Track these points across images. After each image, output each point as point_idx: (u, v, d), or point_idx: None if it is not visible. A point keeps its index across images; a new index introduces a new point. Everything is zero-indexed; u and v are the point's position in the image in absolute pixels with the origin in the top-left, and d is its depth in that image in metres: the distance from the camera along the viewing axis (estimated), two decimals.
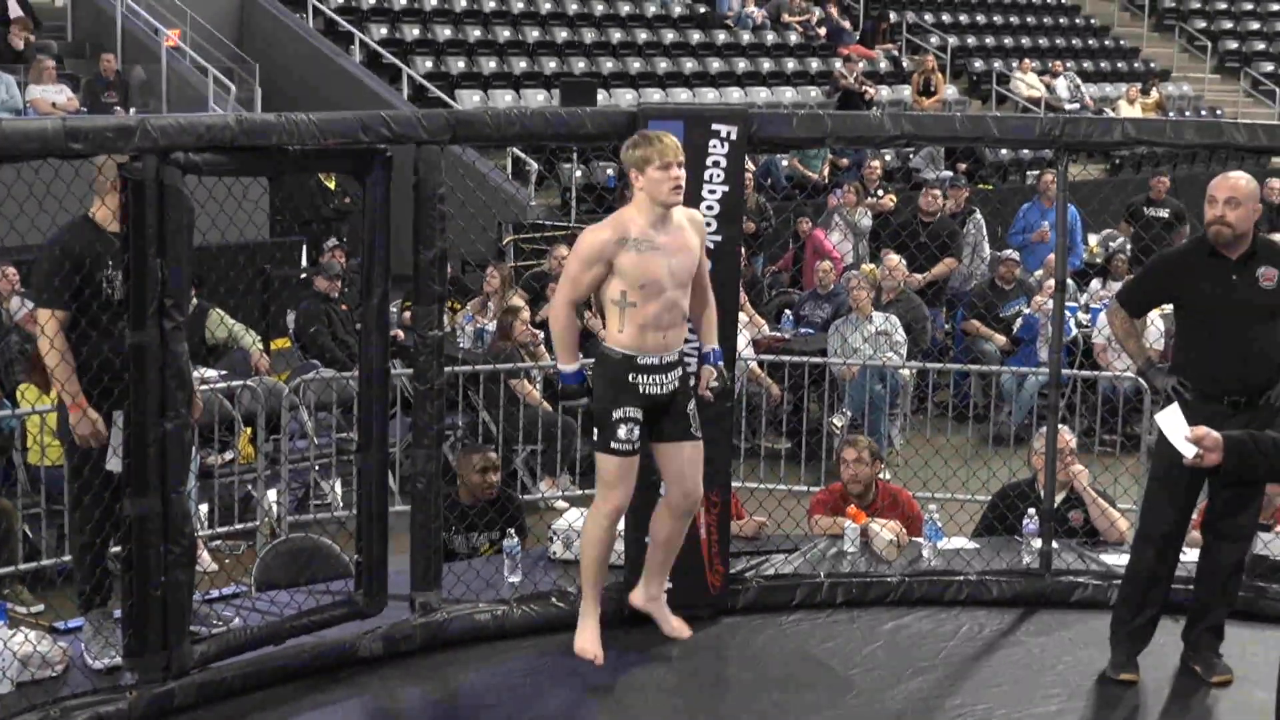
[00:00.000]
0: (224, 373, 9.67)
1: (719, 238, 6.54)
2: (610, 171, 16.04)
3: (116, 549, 5.75)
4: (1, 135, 5.00)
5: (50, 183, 5.50)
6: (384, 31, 18.39)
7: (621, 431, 5.80)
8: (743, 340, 10.27)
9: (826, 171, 16.95)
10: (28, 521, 8.40)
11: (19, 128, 5.06)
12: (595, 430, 5.90)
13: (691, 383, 6.05)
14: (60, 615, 6.57)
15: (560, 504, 9.45)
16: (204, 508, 8.71)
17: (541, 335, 10.82)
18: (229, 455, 9.25)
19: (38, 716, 5.33)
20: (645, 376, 5.82)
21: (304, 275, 12.57)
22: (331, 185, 14.53)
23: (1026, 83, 21.99)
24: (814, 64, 21.09)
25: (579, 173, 16.02)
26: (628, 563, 6.53)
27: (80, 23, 17.22)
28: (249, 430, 9.39)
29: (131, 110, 14.42)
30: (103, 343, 5.70)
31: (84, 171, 5.67)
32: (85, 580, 5.87)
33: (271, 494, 9.11)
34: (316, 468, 9.46)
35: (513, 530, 7.03)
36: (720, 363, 6.10)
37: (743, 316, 10.21)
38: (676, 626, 6.26)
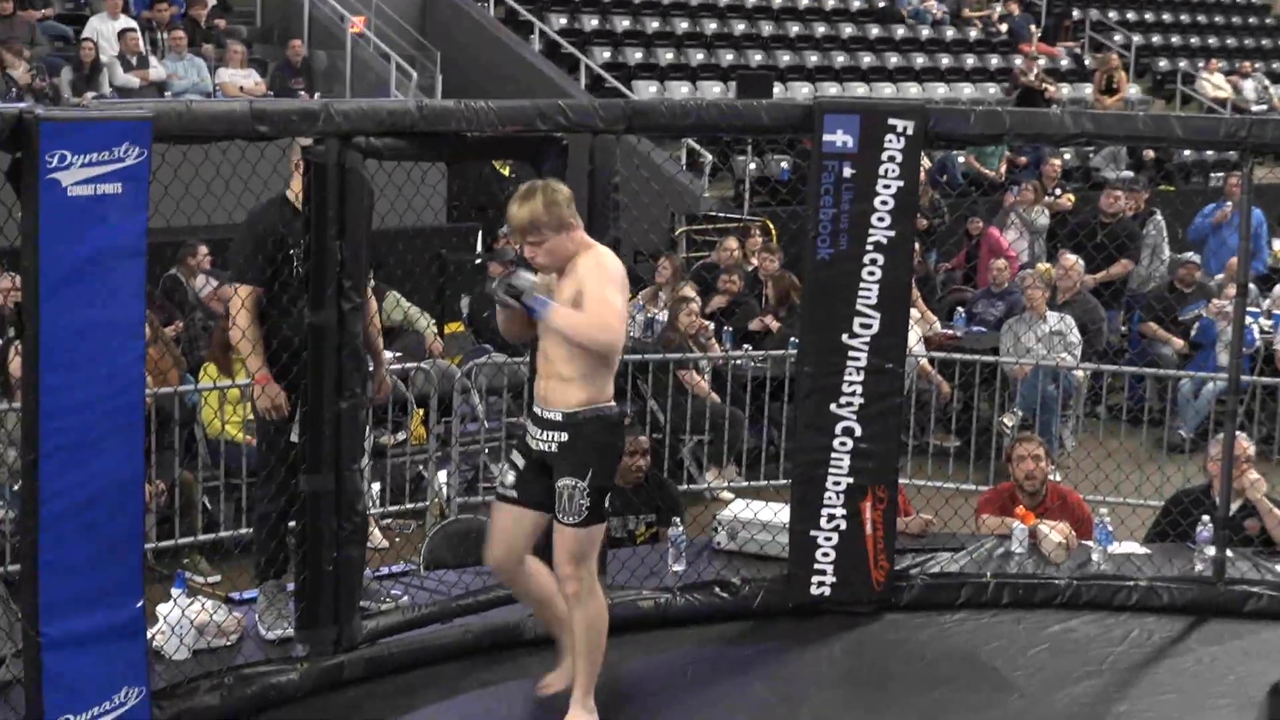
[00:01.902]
0: (398, 354, 9.81)
1: (892, 233, 6.50)
2: (784, 165, 16.00)
3: (294, 524, 5.87)
4: (191, 117, 5.12)
5: (237, 164, 5.65)
6: (563, 22, 18.51)
7: (498, 469, 5.49)
8: (914, 336, 10.19)
9: (1004, 169, 16.73)
10: (207, 494, 8.62)
11: (208, 110, 5.19)
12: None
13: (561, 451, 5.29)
14: (236, 586, 6.74)
15: (726, 494, 9.45)
16: (376, 486, 8.85)
17: (711, 326, 10.84)
18: (401, 436, 9.39)
19: (212, 683, 5.47)
20: (530, 425, 5.38)
21: (478, 260, 12.71)
22: (506, 172, 14.66)
23: (1212, 83, 21.50)
24: (993, 60, 20.82)
25: (753, 165, 15.99)
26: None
27: (269, 9, 17.58)
28: (421, 412, 9.52)
29: (316, 95, 14.69)
30: (283, 321, 5.83)
31: (270, 154, 5.81)
32: (262, 552, 6.02)
33: (442, 475, 9.23)
34: (486, 451, 9.57)
35: (678, 519, 7.05)
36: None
37: (914, 312, 10.13)
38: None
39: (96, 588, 4.85)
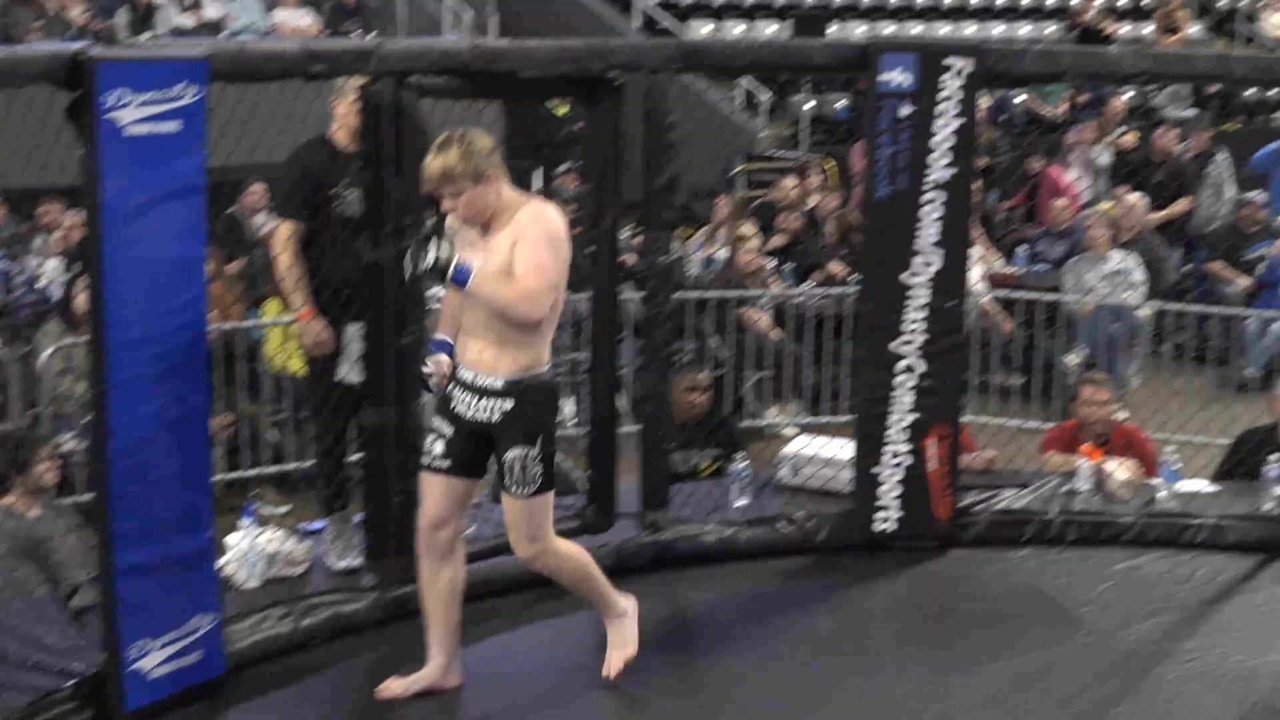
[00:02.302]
0: None
1: (951, 172, 6.46)
2: (842, 104, 15.89)
3: (357, 455, 5.91)
4: (246, 57, 5.15)
5: (294, 102, 5.66)
6: None
7: (426, 441, 5.11)
8: (975, 274, 10.13)
9: (1065, 108, 16.57)
10: (274, 427, 8.68)
11: (262, 49, 5.22)
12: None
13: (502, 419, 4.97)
14: (304, 517, 6.78)
15: (788, 431, 9.44)
16: None
17: (770, 264, 10.80)
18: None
19: (282, 612, 5.52)
20: (458, 391, 5.01)
21: None
22: (564, 111, 14.61)
23: (1273, 22, 21.22)
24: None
25: (810, 104, 15.89)
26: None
27: None
28: None
29: (370, 34, 14.68)
30: (341, 258, 5.85)
31: (327, 93, 5.81)
32: (325, 485, 6.06)
33: None
34: None
35: (741, 454, 7.05)
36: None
37: (975, 251, 10.07)
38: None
39: (167, 517, 4.90)
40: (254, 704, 5.03)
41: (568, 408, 9.60)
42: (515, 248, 4.83)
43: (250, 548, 5.72)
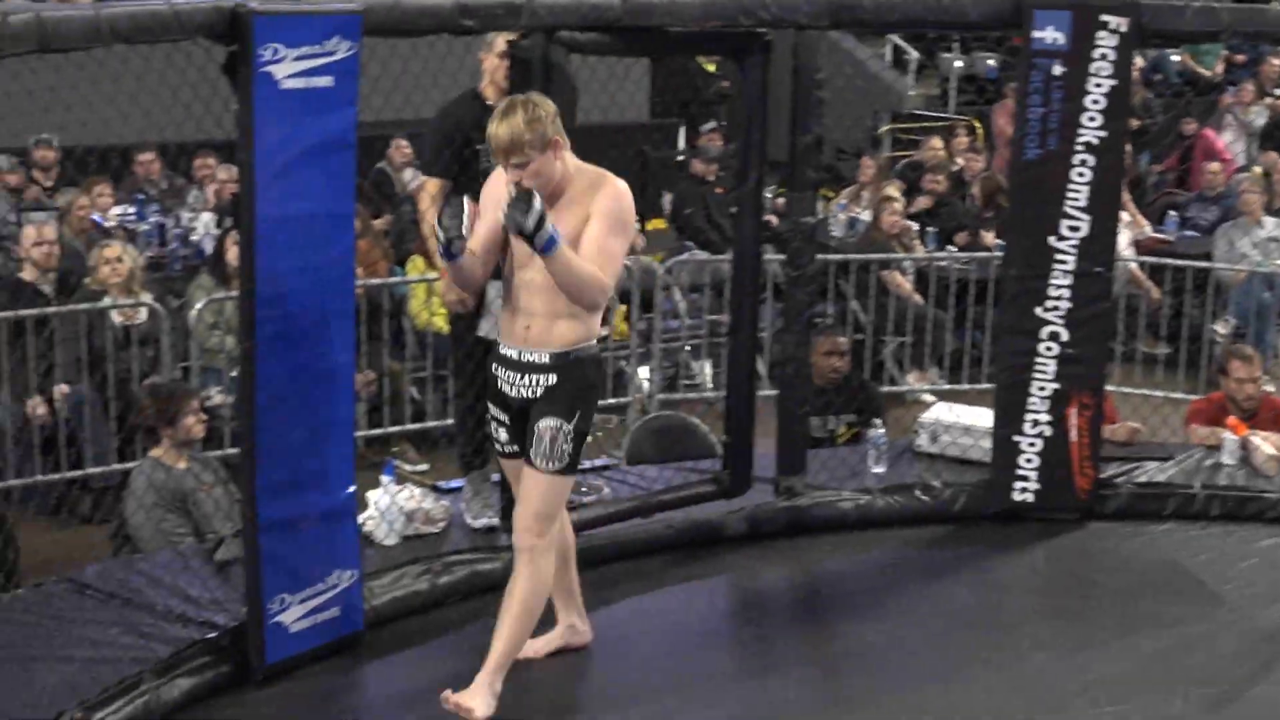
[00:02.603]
0: None
1: (1103, 133, 6.35)
2: (991, 63, 15.68)
3: None
4: (400, 11, 5.15)
5: (445, 58, 5.69)
6: None
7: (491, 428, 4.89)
8: (1124, 240, 9.97)
9: (1221, 69, 16.20)
10: (415, 384, 8.78)
11: (416, 4, 5.21)
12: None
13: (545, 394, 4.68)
14: (443, 475, 6.87)
15: (927, 397, 9.38)
16: None
17: (915, 227, 10.70)
18: (604, 331, 9.45)
19: (420, 569, 5.59)
20: (502, 370, 4.75)
21: (681, 158, 12.69)
22: (711, 69, 14.57)
23: None
24: None
25: (959, 63, 15.70)
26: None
27: None
28: (624, 308, 9.58)
29: None
30: None
31: (476, 47, 5.84)
32: (466, 443, 6.11)
33: (643, 371, 9.29)
34: (687, 348, 9.60)
35: (878, 421, 7.01)
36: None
37: (1124, 215, 9.90)
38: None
39: (310, 472, 4.97)
40: (391, 660, 5.11)
41: (706, 370, 9.62)
42: (588, 226, 4.56)
43: (390, 505, 5.80)
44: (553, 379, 4.64)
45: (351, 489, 5.15)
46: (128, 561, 5.68)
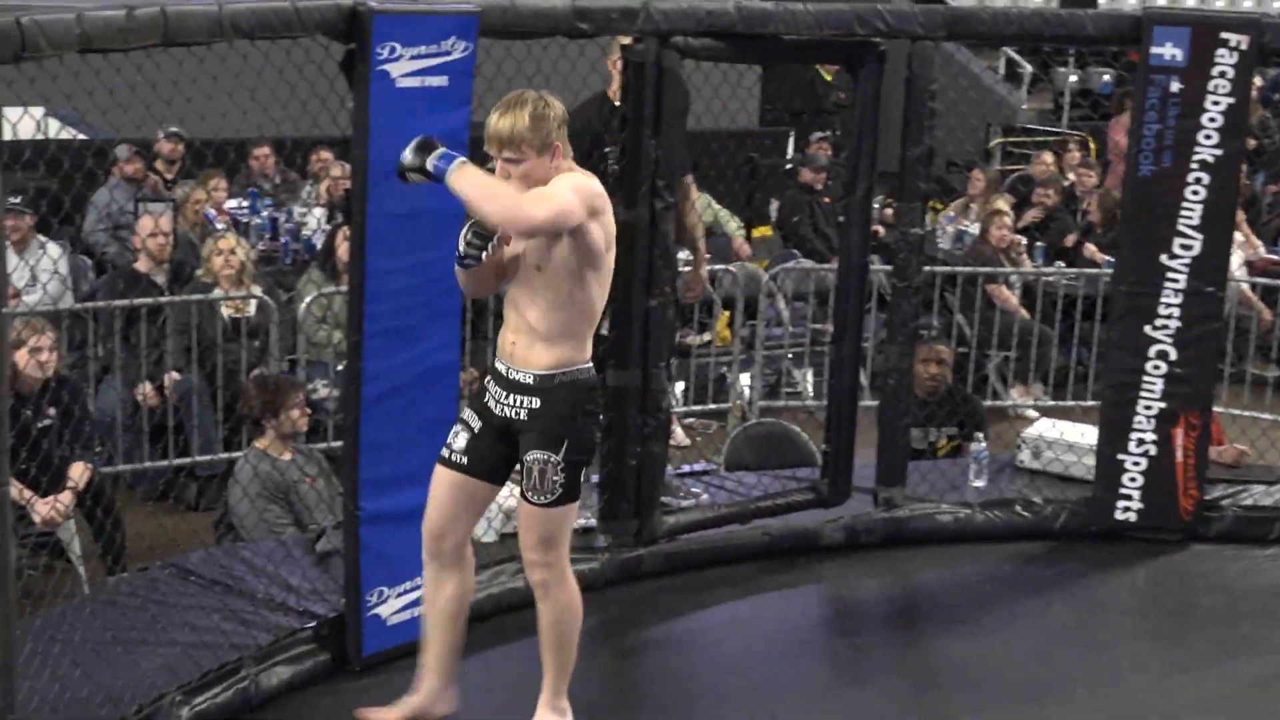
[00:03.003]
0: (707, 255, 9.85)
1: (1219, 152, 6.28)
2: (1106, 78, 15.53)
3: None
4: (516, 13, 5.20)
5: (557, 60, 5.72)
6: None
7: (450, 434, 4.52)
8: (1236, 260, 9.83)
9: None
10: None
11: (532, 6, 5.26)
12: None
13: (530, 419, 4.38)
14: None
15: (1031, 413, 9.30)
16: (680, 385, 8.95)
17: (1024, 241, 10.62)
18: (707, 336, 9.46)
19: (518, 567, 5.60)
20: (491, 384, 4.45)
21: (789, 165, 12.68)
22: (829, 77, 14.52)
23: None
24: None
25: (1074, 77, 15.57)
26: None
27: None
28: (727, 314, 9.58)
29: None
30: None
31: (589, 51, 5.87)
32: None
33: (745, 378, 9.29)
34: (790, 356, 9.59)
35: (980, 435, 6.97)
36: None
37: (1238, 236, 9.76)
38: None
39: (412, 467, 5.00)
40: (483, 657, 5.14)
41: (808, 378, 9.60)
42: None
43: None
44: (536, 403, 4.35)
45: None
46: (231, 549, 5.77)
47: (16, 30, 3.78)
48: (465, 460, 4.45)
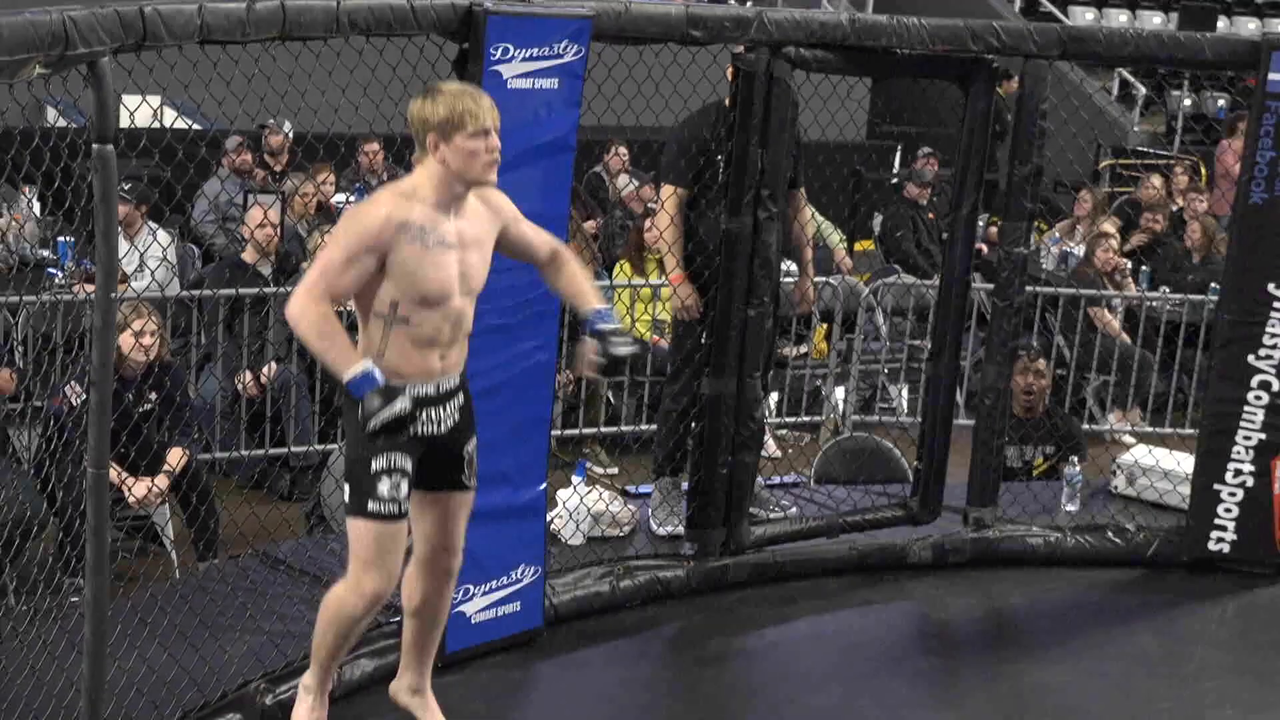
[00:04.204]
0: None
1: None
2: (1222, 103, 15.34)
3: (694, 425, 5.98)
4: (629, 18, 5.21)
5: (668, 67, 5.73)
6: None
7: (384, 487, 4.17)
8: None
9: None
10: (611, 388, 8.86)
11: (645, 11, 5.27)
12: (346, 488, 4.24)
13: (463, 416, 4.37)
14: (632, 480, 6.92)
15: (1128, 439, 9.21)
16: (774, 396, 8.94)
17: (1129, 264, 10.51)
18: (803, 349, 9.45)
19: (603, 570, 5.66)
20: (420, 412, 4.19)
21: (895, 180, 12.62)
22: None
23: None
24: None
25: (1188, 101, 15.39)
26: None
27: None
28: (825, 326, 9.56)
29: (749, 3, 14.76)
30: (700, 224, 5.93)
31: (700, 59, 5.87)
32: (662, 449, 6.15)
33: (839, 391, 9.26)
34: (886, 371, 9.55)
35: (1075, 458, 6.91)
36: (603, 327, 4.37)
37: None
38: None
39: (506, 466, 5.05)
40: (566, 659, 5.17)
41: (903, 395, 9.56)
42: (519, 222, 4.41)
43: (578, 505, 5.87)
44: (461, 398, 4.34)
45: (543, 486, 5.23)
46: (320, 540, 5.84)
47: (139, 20, 3.85)
48: (403, 508, 4.24)
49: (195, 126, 10.45)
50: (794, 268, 6.78)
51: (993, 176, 6.38)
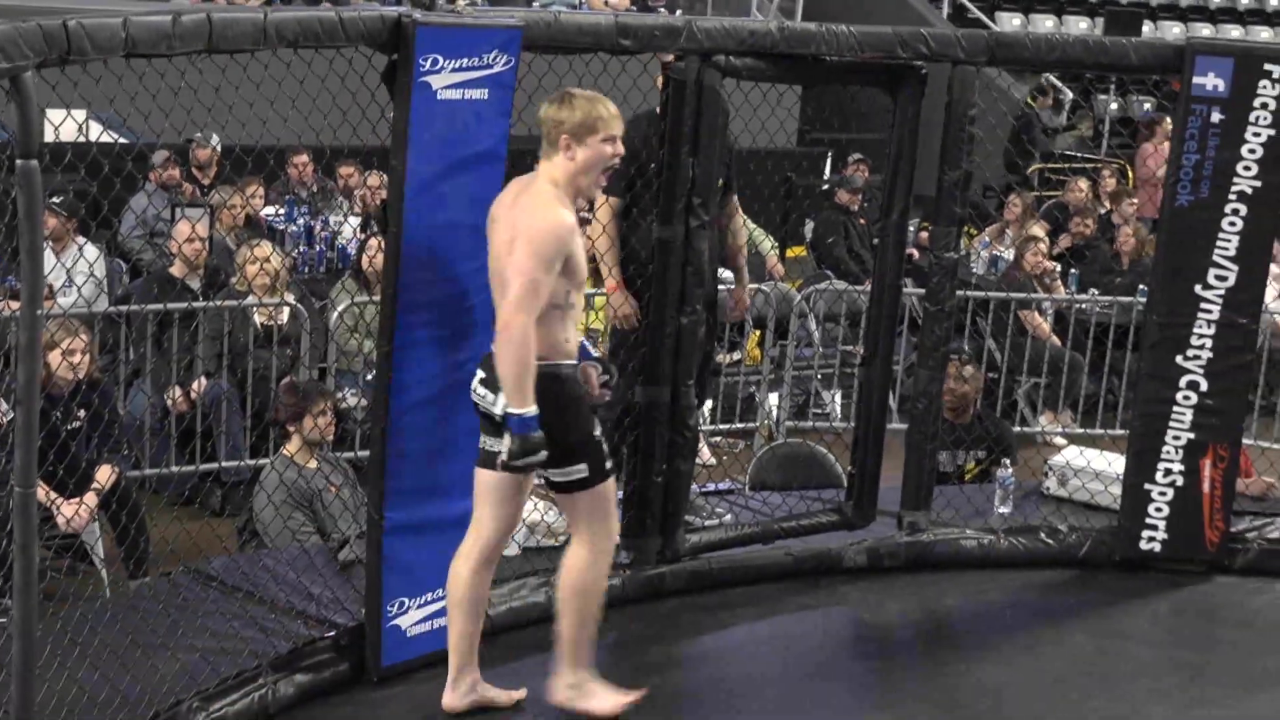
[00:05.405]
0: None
1: (1258, 184, 6.25)
2: (1148, 106, 15.50)
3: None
4: (559, 28, 5.21)
5: (599, 76, 5.73)
6: None
7: (606, 448, 4.69)
8: (1271, 293, 9.79)
9: None
10: None
11: (575, 21, 5.28)
12: (577, 465, 4.61)
13: None
14: None
15: (1059, 440, 9.29)
16: (708, 404, 8.96)
17: (1058, 268, 10.60)
18: (736, 355, 9.47)
19: (539, 581, 5.63)
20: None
21: (826, 186, 12.68)
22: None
23: None
24: None
25: (1115, 105, 15.54)
26: None
27: None
28: (758, 333, 9.59)
29: (678, 12, 14.79)
30: (633, 234, 5.92)
31: (630, 68, 5.86)
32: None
33: (773, 398, 9.29)
34: (819, 377, 9.59)
35: (1008, 461, 6.96)
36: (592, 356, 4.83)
37: (1273, 268, 9.72)
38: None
39: (437, 479, 5.02)
40: (503, 670, 5.13)
41: (836, 400, 9.59)
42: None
43: None
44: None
45: None
46: (253, 556, 5.80)
47: (64, 34, 3.81)
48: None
49: (121, 140, 10.40)
50: (730, 275, 6.79)
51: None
